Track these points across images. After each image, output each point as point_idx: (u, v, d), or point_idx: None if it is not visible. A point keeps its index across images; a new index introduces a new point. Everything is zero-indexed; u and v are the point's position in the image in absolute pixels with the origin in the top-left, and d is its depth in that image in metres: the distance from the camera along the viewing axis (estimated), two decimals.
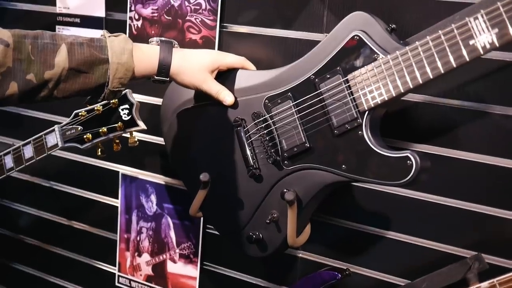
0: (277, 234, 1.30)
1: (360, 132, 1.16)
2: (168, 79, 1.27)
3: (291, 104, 1.25)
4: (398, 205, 1.42)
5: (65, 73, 1.13)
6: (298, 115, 1.24)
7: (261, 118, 1.29)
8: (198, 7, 1.55)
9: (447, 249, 1.38)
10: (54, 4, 1.80)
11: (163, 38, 1.29)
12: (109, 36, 1.20)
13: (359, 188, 1.45)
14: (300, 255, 1.58)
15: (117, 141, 1.52)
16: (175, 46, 1.29)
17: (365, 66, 1.15)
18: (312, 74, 1.23)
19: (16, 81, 1.09)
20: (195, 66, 1.29)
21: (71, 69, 1.13)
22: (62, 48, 1.13)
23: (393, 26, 1.18)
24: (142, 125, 1.47)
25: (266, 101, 1.29)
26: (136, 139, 1.51)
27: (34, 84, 1.11)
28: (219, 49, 1.55)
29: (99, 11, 1.73)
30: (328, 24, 1.39)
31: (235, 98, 1.34)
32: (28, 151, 1.58)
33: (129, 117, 1.46)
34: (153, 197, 1.79)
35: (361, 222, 1.47)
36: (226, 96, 1.32)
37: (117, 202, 1.85)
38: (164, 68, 1.25)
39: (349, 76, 1.17)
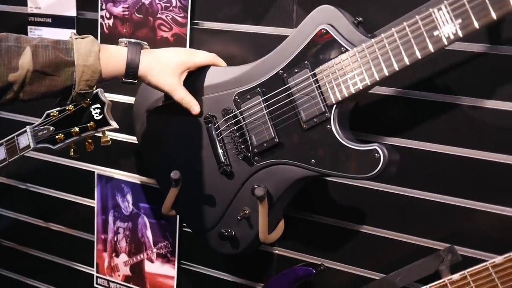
0: (249, 230, 1.29)
1: (328, 126, 1.16)
2: (136, 81, 1.26)
3: (260, 100, 1.24)
4: (371, 199, 1.42)
5: (30, 75, 1.12)
6: (267, 110, 1.24)
7: (231, 114, 1.29)
8: (169, 5, 1.54)
9: (421, 242, 1.38)
10: (25, 4, 1.79)
11: (132, 40, 1.28)
12: (76, 38, 1.18)
13: (333, 182, 1.44)
14: (277, 251, 1.57)
15: (90, 141, 1.51)
16: (144, 47, 1.28)
17: (332, 60, 1.15)
18: (280, 69, 1.22)
19: None
20: (164, 68, 1.28)
21: (36, 71, 1.12)
22: (27, 51, 1.12)
23: (360, 19, 1.18)
24: (114, 124, 1.46)
25: (236, 97, 1.28)
26: (108, 139, 1.50)
27: None
28: (190, 46, 1.54)
29: (71, 11, 1.72)
30: (298, 19, 1.39)
31: (207, 95, 1.33)
32: (1, 153, 1.56)
33: (101, 116, 1.46)
34: (129, 197, 1.78)
35: (335, 217, 1.47)
36: (193, 106, 1.32)
37: (94, 203, 1.84)
38: (131, 70, 1.24)
39: (317, 70, 1.17)
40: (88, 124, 1.46)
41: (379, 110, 1.37)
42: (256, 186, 1.25)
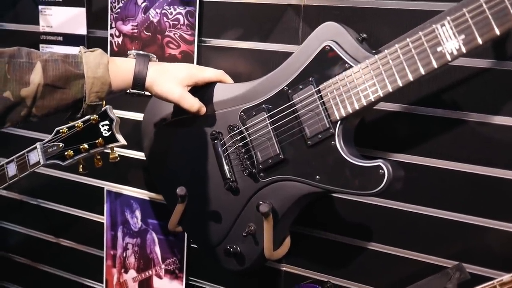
0: (254, 247, 1.29)
1: (332, 142, 1.16)
2: (143, 92, 1.27)
3: (265, 116, 1.25)
4: (379, 215, 1.41)
5: (41, 89, 1.14)
6: (272, 127, 1.24)
7: (237, 131, 1.29)
8: (177, 23, 1.56)
9: (429, 259, 1.37)
10: (37, 23, 1.82)
11: (140, 52, 1.30)
12: (85, 52, 1.21)
13: (341, 199, 1.44)
14: (284, 268, 1.57)
15: (98, 157, 1.53)
16: (152, 59, 1.30)
17: (337, 76, 1.15)
18: (285, 86, 1.23)
19: None
20: (171, 79, 1.29)
21: (47, 85, 1.14)
22: (38, 66, 1.14)
23: (364, 35, 1.18)
24: (122, 141, 1.47)
25: (242, 113, 1.29)
26: (117, 155, 1.51)
27: (12, 102, 1.13)
28: (198, 63, 1.55)
29: (81, 29, 1.74)
30: (304, 36, 1.40)
31: (213, 111, 1.34)
32: (12, 169, 1.58)
33: (109, 133, 1.47)
34: (137, 213, 1.78)
35: (343, 233, 1.47)
36: (201, 111, 1.33)
37: (103, 219, 1.85)
38: (139, 81, 1.25)
39: (321, 87, 1.17)
40: (97, 141, 1.47)
41: (386, 126, 1.37)
42: (261, 202, 1.25)
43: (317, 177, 1.18)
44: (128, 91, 1.27)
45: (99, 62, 1.19)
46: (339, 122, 1.15)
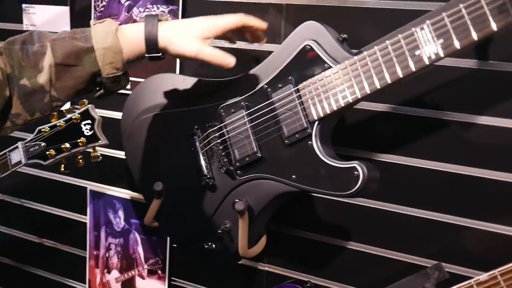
0: (229, 244, 1.29)
1: (309, 142, 1.16)
2: (160, 54, 1.17)
3: (244, 114, 1.24)
4: (359, 215, 1.41)
5: (54, 70, 1.09)
6: (250, 125, 1.24)
7: (215, 127, 1.29)
8: None
9: (409, 259, 1.37)
10: (21, 22, 1.81)
11: (149, 13, 1.23)
12: (94, 24, 1.14)
13: (322, 199, 1.44)
14: (266, 268, 1.56)
15: (80, 156, 1.52)
16: (163, 18, 1.19)
17: (316, 76, 1.15)
18: (265, 84, 1.23)
19: (16, 87, 1.09)
20: (186, 34, 1.17)
21: (58, 65, 1.09)
22: (48, 48, 1.10)
23: (345, 36, 1.18)
24: (104, 140, 1.47)
25: (221, 110, 1.29)
26: (98, 154, 1.51)
27: (30, 90, 1.09)
28: (180, 64, 1.55)
29: (65, 28, 1.74)
30: (286, 34, 1.38)
31: (192, 107, 1.33)
32: None
33: (92, 132, 1.46)
34: (120, 213, 1.78)
35: (324, 233, 1.47)
36: (226, 59, 1.19)
37: (86, 219, 1.84)
38: (151, 43, 1.15)
39: (300, 86, 1.17)
40: (79, 140, 1.46)
41: (369, 126, 1.37)
42: (237, 200, 1.25)
43: (293, 176, 1.18)
44: (144, 56, 1.17)
45: (107, 30, 1.11)
46: (316, 122, 1.15)
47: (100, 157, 1.51)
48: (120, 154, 1.71)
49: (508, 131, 1.23)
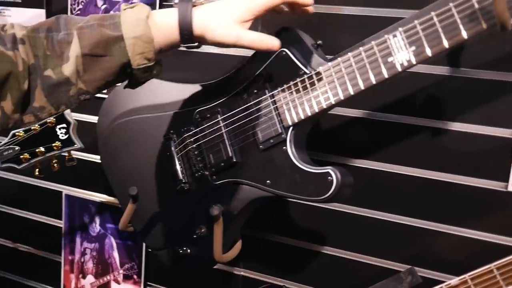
0: (204, 249, 1.29)
1: (284, 147, 1.16)
2: (197, 44, 1.07)
3: (220, 119, 1.25)
4: (334, 220, 1.42)
5: (81, 61, 1.00)
6: (226, 130, 1.24)
7: (191, 132, 1.29)
8: None
9: (383, 263, 1.38)
10: None
11: None
12: (125, 9, 1.04)
13: (297, 203, 1.44)
14: (242, 273, 1.57)
15: (55, 160, 1.51)
16: (198, 2, 1.08)
17: (290, 82, 1.16)
18: (240, 89, 1.23)
19: (40, 79, 1.00)
20: (223, 20, 1.06)
21: (86, 55, 1.00)
22: (74, 36, 1.00)
23: (320, 42, 1.19)
24: (79, 144, 1.46)
25: (197, 115, 1.29)
26: (74, 158, 1.50)
27: (55, 81, 1.00)
28: None
29: None
30: None
31: (168, 112, 1.32)
32: None
33: (66, 136, 1.46)
34: (96, 217, 1.76)
35: (300, 238, 1.47)
36: (269, 42, 1.08)
37: (61, 223, 1.83)
38: (186, 32, 1.05)
39: (275, 92, 1.17)
40: (53, 144, 1.46)
41: (343, 132, 1.38)
42: (212, 205, 1.25)
43: (268, 181, 1.18)
44: (180, 46, 1.08)
45: (138, 18, 1.01)
46: (291, 128, 1.16)
47: (75, 161, 1.50)
48: (96, 158, 1.70)
49: (479, 137, 1.25)
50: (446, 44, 0.99)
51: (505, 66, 1.21)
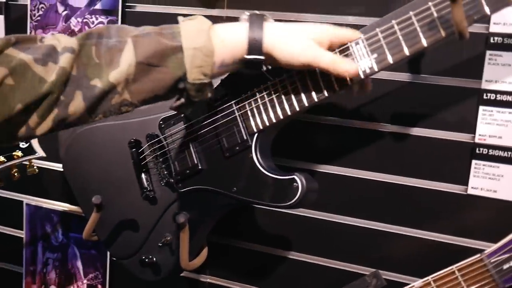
0: (170, 257, 1.28)
1: (250, 155, 1.16)
2: (262, 57, 1.01)
3: (184, 126, 1.24)
4: (299, 225, 1.43)
5: (133, 70, 0.94)
6: (190, 137, 1.23)
7: (155, 140, 1.28)
8: None
9: (348, 267, 1.40)
10: None
11: (254, 11, 1.04)
12: (183, 20, 1.00)
13: (262, 209, 1.44)
14: (208, 280, 1.56)
15: (16, 169, 1.47)
16: (268, 19, 1.03)
17: (255, 89, 1.16)
18: None
19: (81, 90, 0.92)
20: (297, 36, 1.01)
21: (140, 64, 0.94)
22: (128, 44, 0.95)
23: None
24: (41, 153, 1.44)
25: (161, 122, 1.28)
26: (35, 167, 1.47)
27: (100, 89, 0.93)
28: None
29: None
30: None
31: (132, 119, 1.31)
32: None
33: (27, 144, 1.43)
34: (58, 227, 1.73)
35: (265, 244, 1.48)
36: (348, 66, 1.02)
37: (22, 233, 1.79)
38: (255, 44, 0.99)
39: (240, 99, 1.18)
40: (14, 153, 1.42)
41: (308, 137, 1.40)
42: (177, 212, 1.24)
43: (234, 188, 1.18)
44: (241, 61, 1.02)
45: (200, 28, 0.96)
46: (256, 135, 1.16)
47: (37, 170, 1.47)
48: (58, 167, 1.67)
49: (439, 142, 1.28)
50: (406, 51, 1.01)
51: (463, 72, 1.24)
